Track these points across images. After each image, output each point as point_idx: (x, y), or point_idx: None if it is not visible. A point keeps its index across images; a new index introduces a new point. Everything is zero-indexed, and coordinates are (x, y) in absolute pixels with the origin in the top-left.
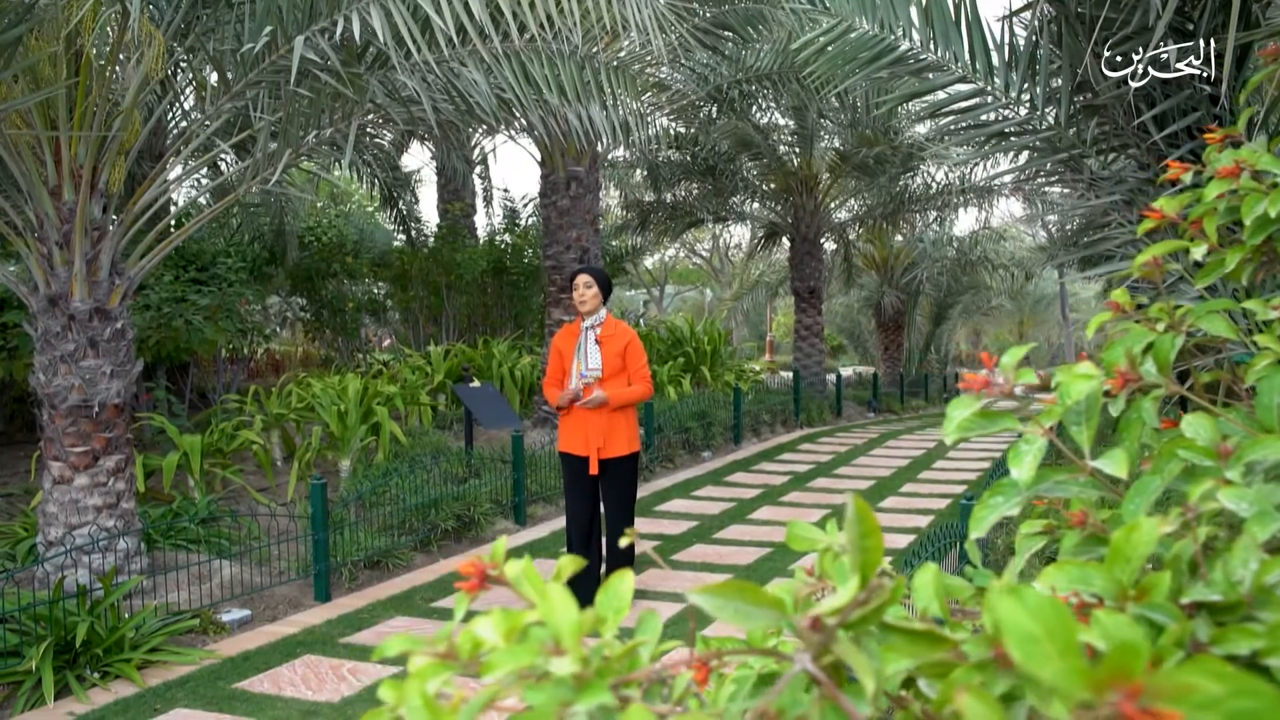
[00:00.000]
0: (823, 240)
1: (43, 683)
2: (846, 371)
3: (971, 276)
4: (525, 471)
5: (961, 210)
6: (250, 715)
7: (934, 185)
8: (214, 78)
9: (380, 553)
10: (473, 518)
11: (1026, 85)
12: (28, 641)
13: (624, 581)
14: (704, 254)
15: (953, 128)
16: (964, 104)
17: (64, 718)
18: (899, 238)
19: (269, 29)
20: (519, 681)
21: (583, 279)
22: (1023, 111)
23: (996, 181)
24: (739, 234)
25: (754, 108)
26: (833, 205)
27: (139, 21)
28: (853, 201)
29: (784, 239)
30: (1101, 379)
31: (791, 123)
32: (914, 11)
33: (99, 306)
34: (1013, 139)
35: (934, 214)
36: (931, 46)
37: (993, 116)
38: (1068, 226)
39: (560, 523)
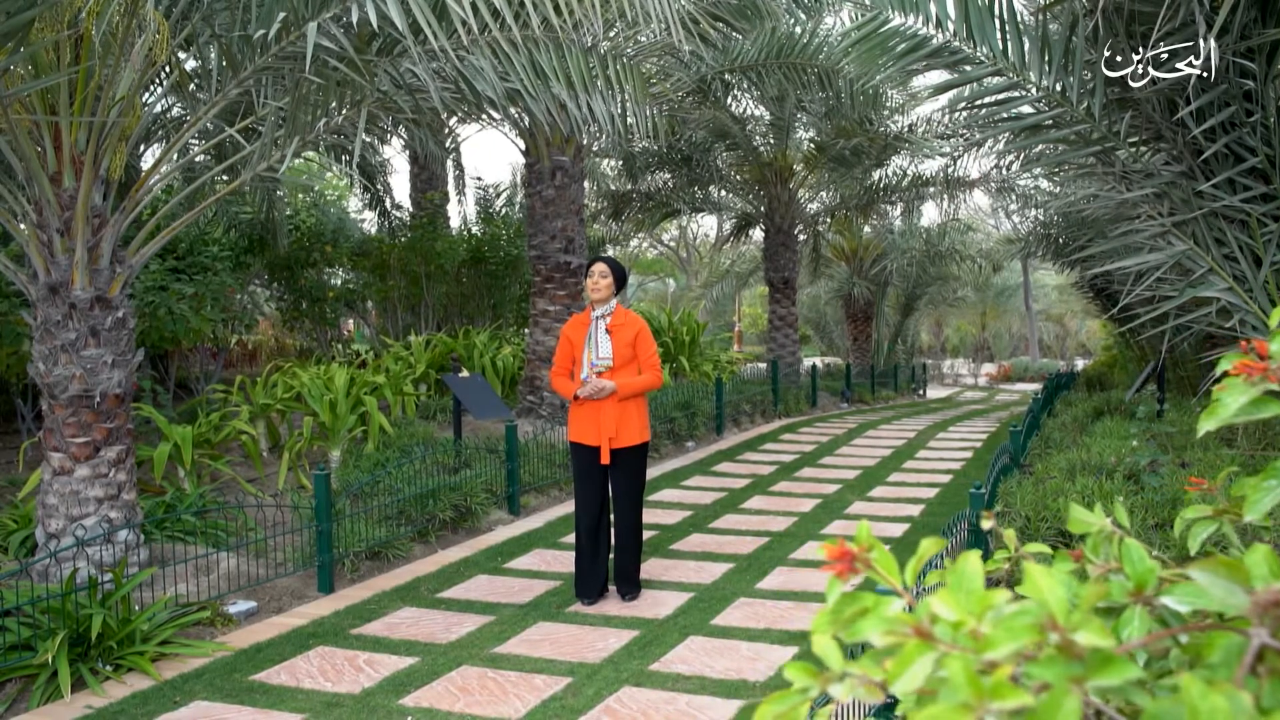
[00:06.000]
0: (796, 231)
1: (58, 676)
2: (815, 361)
3: (939, 268)
4: (519, 462)
5: (933, 202)
6: (272, 707)
7: (907, 177)
8: (194, 63)
9: (380, 543)
10: (469, 508)
11: (1059, 77)
12: (39, 635)
13: (970, 562)
14: (670, 244)
15: (983, 120)
16: (998, 96)
17: (82, 711)
18: (868, 229)
19: (282, 15)
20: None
21: (599, 268)
22: (1053, 104)
23: (976, 173)
24: (707, 224)
25: (729, 98)
26: (806, 196)
27: (149, 5)
28: (824, 193)
29: (757, 230)
30: None
31: (768, 114)
32: (950, 3)
33: (100, 295)
34: (1046, 131)
35: (903, 205)
36: (965, 36)
37: (1026, 110)
38: (1039, 216)
39: (553, 513)
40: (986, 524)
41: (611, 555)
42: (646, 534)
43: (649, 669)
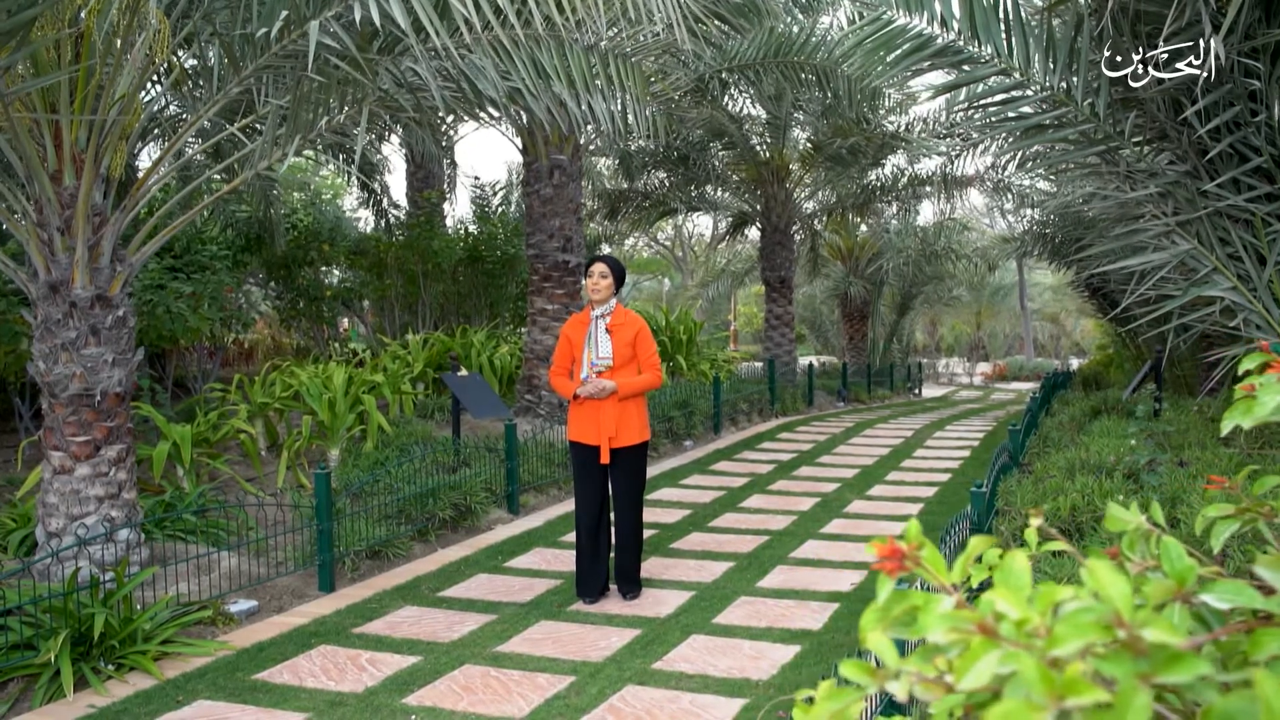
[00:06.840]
0: (793, 230)
1: (61, 675)
2: (812, 360)
3: (935, 267)
4: (518, 461)
5: (929, 201)
6: (275, 706)
7: (904, 176)
8: (193, 62)
9: (380, 542)
10: (469, 507)
11: (1064, 76)
12: (42, 634)
13: (1018, 559)
14: (665, 243)
15: (986, 120)
16: (1002, 95)
17: (85, 710)
18: (864, 228)
19: (284, 13)
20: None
21: (599, 268)
22: (1058, 104)
23: (972, 172)
24: (703, 223)
25: (726, 97)
26: (803, 195)
27: (150, 3)
28: (821, 192)
29: (753, 229)
30: None
31: (764, 113)
32: (955, 2)
33: (100, 294)
34: (1050, 131)
35: (899, 205)
36: (969, 35)
37: (1029, 109)
38: (1035, 215)
39: (553, 512)
40: (1035, 521)
41: (612, 554)
42: (646, 533)
43: (652, 668)
